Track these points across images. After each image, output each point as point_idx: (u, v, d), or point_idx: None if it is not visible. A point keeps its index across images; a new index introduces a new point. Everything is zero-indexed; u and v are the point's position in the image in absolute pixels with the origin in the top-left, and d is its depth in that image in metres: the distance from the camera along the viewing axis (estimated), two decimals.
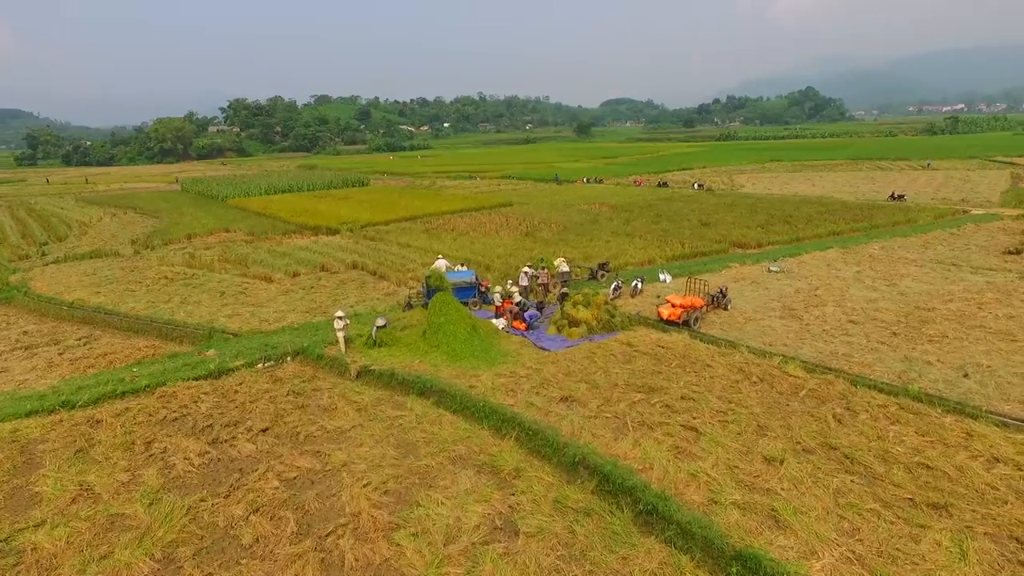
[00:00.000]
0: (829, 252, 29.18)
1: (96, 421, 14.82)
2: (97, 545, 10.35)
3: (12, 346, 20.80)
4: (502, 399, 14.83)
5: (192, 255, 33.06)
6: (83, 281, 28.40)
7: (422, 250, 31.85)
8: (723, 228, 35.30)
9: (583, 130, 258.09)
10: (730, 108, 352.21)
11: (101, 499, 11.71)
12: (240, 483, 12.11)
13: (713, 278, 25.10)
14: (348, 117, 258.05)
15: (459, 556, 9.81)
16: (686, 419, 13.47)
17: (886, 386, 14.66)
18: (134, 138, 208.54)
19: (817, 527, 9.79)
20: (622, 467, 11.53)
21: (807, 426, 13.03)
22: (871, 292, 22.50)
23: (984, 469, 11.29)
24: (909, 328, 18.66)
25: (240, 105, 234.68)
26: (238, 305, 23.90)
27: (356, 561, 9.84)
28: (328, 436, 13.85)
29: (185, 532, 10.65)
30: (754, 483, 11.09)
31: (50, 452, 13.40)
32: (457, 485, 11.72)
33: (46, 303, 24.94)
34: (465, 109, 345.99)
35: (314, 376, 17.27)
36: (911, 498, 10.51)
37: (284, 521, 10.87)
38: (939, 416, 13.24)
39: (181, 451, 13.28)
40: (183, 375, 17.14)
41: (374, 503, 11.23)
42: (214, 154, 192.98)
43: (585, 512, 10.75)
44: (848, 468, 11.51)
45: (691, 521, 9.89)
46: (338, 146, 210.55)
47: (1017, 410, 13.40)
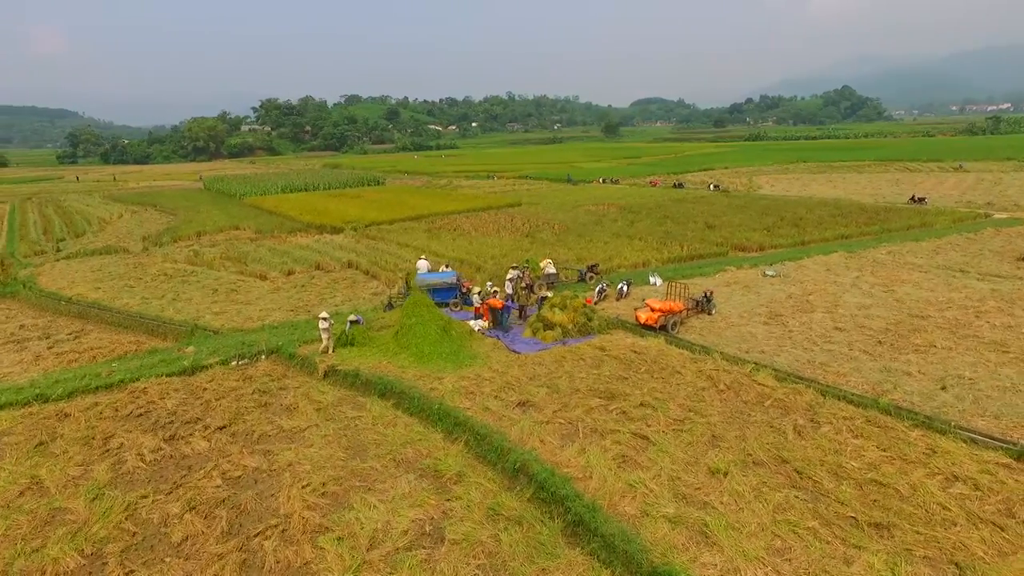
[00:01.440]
0: (832, 256, 28.29)
1: (65, 415, 15.12)
2: (32, 539, 10.51)
3: (6, 339, 21.42)
4: (459, 402, 14.68)
5: (196, 252, 33.69)
6: (87, 277, 29.16)
7: (420, 250, 31.81)
8: (728, 230, 34.54)
9: (611, 130, 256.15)
10: (763, 108, 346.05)
11: (48, 493, 11.91)
12: (184, 480, 12.20)
13: (706, 282, 24.58)
14: (377, 117, 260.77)
15: (379, 562, 9.70)
16: (640, 427, 13.14)
17: (856, 397, 14.09)
18: (169, 137, 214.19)
19: (747, 544, 9.41)
20: (559, 475, 11.28)
21: (763, 437, 12.59)
22: (866, 298, 21.71)
23: (940, 488, 10.74)
24: (896, 337, 17.94)
25: (271, 105, 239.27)
26: (227, 302, 24.24)
27: (277, 563, 9.80)
28: (282, 435, 13.88)
29: (119, 528, 10.75)
30: (693, 496, 10.73)
31: (12, 445, 13.71)
32: (396, 489, 11.62)
33: (47, 298, 25.67)
34: (493, 109, 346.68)
35: (284, 375, 17.36)
36: (854, 517, 10.04)
37: (216, 520, 10.89)
38: (905, 430, 12.66)
39: (136, 447, 13.44)
40: (158, 371, 17.40)
41: (308, 505, 11.18)
42: (245, 153, 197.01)
43: (517, 521, 10.53)
44: (795, 483, 11.07)
45: (615, 534, 9.62)
46: (365, 145, 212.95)
47: (990, 426, 12.74)
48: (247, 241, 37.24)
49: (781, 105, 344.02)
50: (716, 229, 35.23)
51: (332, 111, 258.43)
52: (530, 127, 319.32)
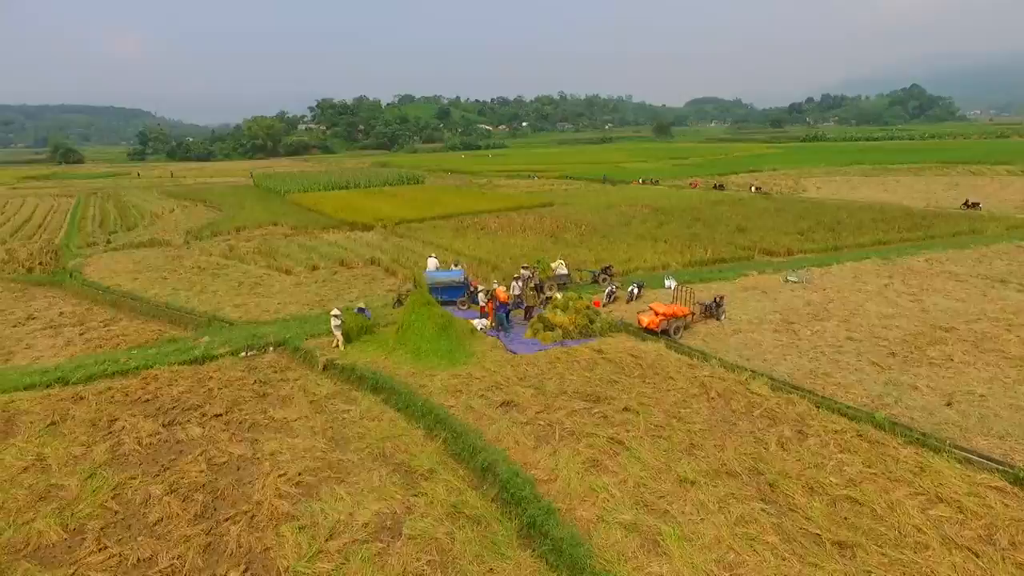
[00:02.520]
0: (864, 263, 27.10)
1: (80, 398, 16.00)
2: (25, 512, 11.19)
3: (45, 325, 22.82)
4: (445, 400, 14.83)
5: (231, 247, 35.06)
6: (127, 268, 30.76)
7: (443, 248, 32.21)
8: (758, 234, 33.55)
9: (662, 130, 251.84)
10: (824, 107, 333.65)
11: (49, 469, 12.64)
12: (172, 464, 12.74)
13: (724, 286, 23.95)
14: (428, 116, 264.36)
15: (334, 552, 9.91)
16: (618, 432, 12.96)
17: (851, 410, 13.51)
18: (231, 135, 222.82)
19: (697, 556, 9.19)
20: (523, 476, 11.27)
21: (742, 448, 12.23)
22: (889, 308, 20.73)
23: (920, 509, 10.20)
24: (912, 348, 17.07)
25: (327, 104, 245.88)
26: (249, 295, 25.14)
27: (238, 548, 10.13)
28: (272, 426, 14.31)
29: (103, 507, 11.32)
30: (654, 504, 10.53)
31: (28, 423, 14.59)
32: (366, 482, 11.83)
33: (88, 287, 27.20)
34: (544, 108, 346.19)
35: (287, 367, 17.88)
36: (818, 534, 9.65)
37: (193, 504, 11.34)
38: (897, 447, 12.07)
39: (136, 431, 14.10)
40: (170, 359, 18.21)
41: (280, 493, 11.52)
42: (300, 151, 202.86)
43: (476, 520, 10.58)
44: (765, 496, 10.72)
45: (565, 538, 9.55)
46: (415, 144, 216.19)
47: (992, 446, 12.01)
48: (281, 237, 38.49)
49: (844, 104, 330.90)
50: (747, 232, 34.28)
51: (385, 110, 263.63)
52: (580, 127, 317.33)
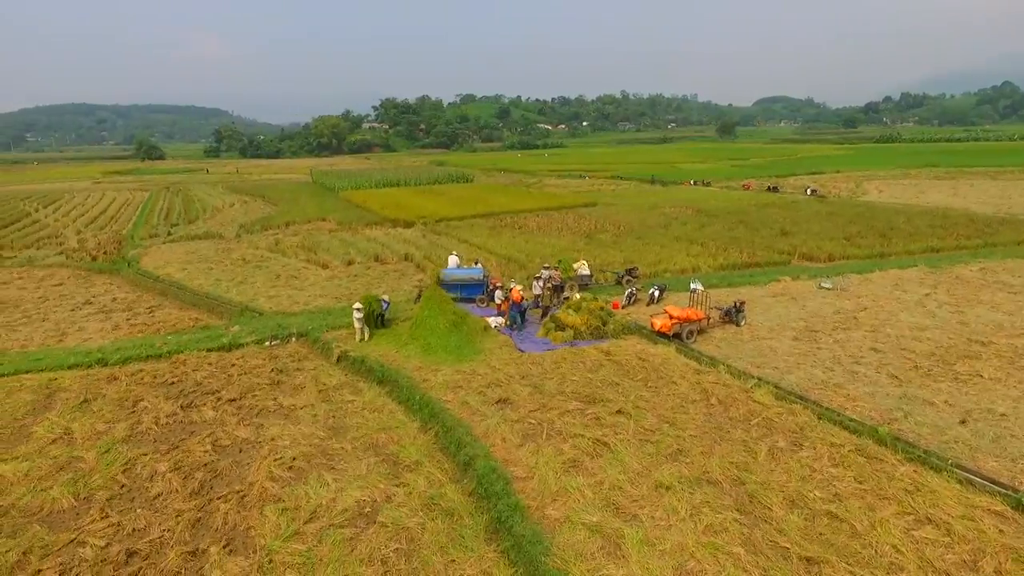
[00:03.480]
0: (909, 271, 25.71)
1: (114, 378, 17.20)
2: (45, 480, 12.17)
3: (98, 310, 24.54)
4: (443, 395, 15.14)
5: (278, 240, 36.60)
6: (180, 258, 32.63)
7: (476, 246, 32.63)
8: (802, 238, 32.33)
9: (726, 130, 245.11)
10: (903, 107, 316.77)
11: (74, 443, 13.67)
12: (181, 443, 13.53)
13: (754, 291, 23.33)
14: (488, 116, 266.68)
15: (310, 534, 10.34)
16: (606, 434, 12.90)
17: (854, 424, 12.96)
18: (299, 134, 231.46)
19: (656, 562, 9.10)
20: (499, 473, 11.41)
21: (730, 456, 11.95)
22: (925, 319, 19.65)
23: (904, 529, 9.73)
24: (938, 362, 16.16)
25: (390, 104, 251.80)
26: (284, 287, 26.23)
27: (224, 525, 10.72)
28: (279, 412, 14.97)
29: (113, 479, 12.17)
30: (625, 507, 10.47)
31: (64, 400, 15.80)
32: (354, 470, 12.25)
33: (141, 275, 29.04)
34: (605, 108, 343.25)
35: (305, 357, 18.63)
36: (788, 548, 9.37)
37: (192, 481, 12.04)
38: (896, 464, 11.51)
39: (156, 411, 15.04)
40: (200, 346, 19.28)
41: (273, 476, 12.08)
42: (363, 149, 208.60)
43: (449, 512, 10.80)
44: (742, 506, 10.46)
45: (527, 536, 9.64)
46: (474, 143, 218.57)
47: (1002, 468, 11.28)
48: (326, 232, 39.85)
49: (925, 104, 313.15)
50: (790, 236, 33.09)
51: (446, 110, 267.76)
52: (642, 126, 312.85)
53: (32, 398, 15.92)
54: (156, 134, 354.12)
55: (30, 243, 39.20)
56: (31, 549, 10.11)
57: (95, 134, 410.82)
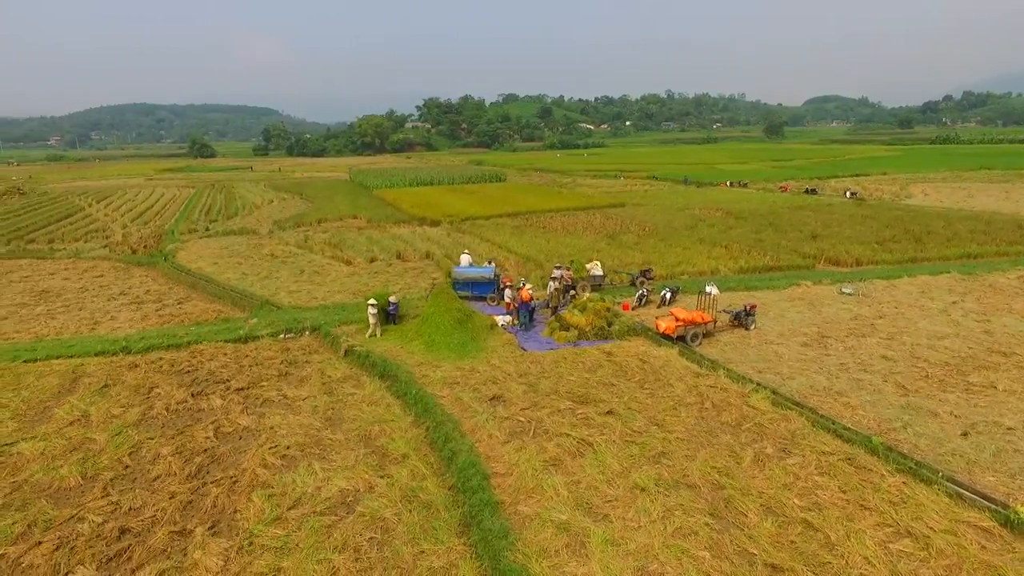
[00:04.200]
0: (940, 277, 24.74)
1: (135, 365, 18.07)
2: (58, 458, 12.93)
3: (131, 300, 25.75)
4: (438, 391, 15.39)
5: (307, 237, 37.60)
6: (212, 253, 33.89)
7: (498, 245, 32.86)
8: (831, 242, 31.40)
9: (773, 130, 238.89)
10: (964, 106, 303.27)
11: (90, 425, 14.46)
12: (187, 429, 14.15)
13: (769, 295, 22.87)
14: (530, 115, 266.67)
15: (291, 520, 10.72)
16: (592, 434, 12.93)
17: (848, 432, 12.64)
18: (343, 133, 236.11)
19: (617, 562, 9.12)
20: (478, 469, 11.58)
21: (713, 460, 11.82)
22: (946, 327, 18.92)
23: (880, 541, 9.49)
24: (951, 372, 15.58)
25: (433, 104, 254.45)
26: (306, 282, 26.97)
27: (213, 507, 11.21)
28: (282, 403, 15.47)
29: (119, 461, 12.84)
30: (597, 507, 10.50)
31: (86, 385, 16.70)
32: (343, 460, 12.62)
33: (175, 269, 30.29)
34: (649, 107, 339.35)
35: (315, 350, 19.17)
36: (755, 554, 9.26)
37: (191, 465, 12.60)
38: (885, 475, 11.20)
39: (168, 397, 15.76)
40: (218, 337, 20.05)
41: (266, 464, 12.54)
42: (405, 148, 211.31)
43: (426, 505, 11.04)
44: (716, 511, 10.36)
45: (494, 530, 9.79)
46: (515, 143, 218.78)
47: (997, 483, 10.85)
48: (355, 229, 40.72)
49: (989, 103, 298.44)
50: (820, 240, 32.20)
51: (488, 109, 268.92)
52: (687, 126, 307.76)
53: (58, 382, 16.87)
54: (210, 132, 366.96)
55: (79, 236, 41.30)
56: (35, 522, 10.79)
57: (154, 133, 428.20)
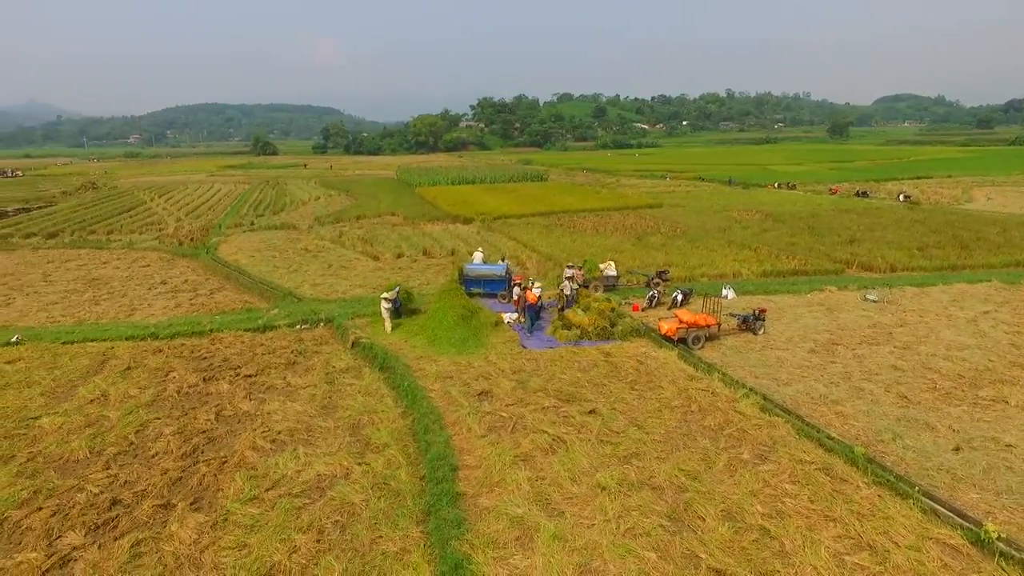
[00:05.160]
0: (979, 286, 23.44)
1: (158, 350, 19.20)
2: (73, 433, 13.91)
3: (168, 289, 27.25)
4: (430, 384, 15.76)
5: (342, 233, 38.77)
6: (252, 246, 35.41)
7: (523, 244, 33.07)
8: (868, 246, 30.16)
9: (837, 130, 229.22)
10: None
11: (108, 404, 15.48)
12: (191, 411, 14.99)
13: (788, 300, 22.27)
14: (583, 114, 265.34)
15: (267, 500, 11.26)
16: (569, 432, 13.01)
17: (832, 442, 12.26)
18: (399, 132, 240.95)
19: (561, 558, 9.22)
20: (448, 461, 11.85)
21: (685, 463, 11.72)
22: (970, 337, 17.98)
23: (836, 553, 9.24)
24: (964, 385, 14.84)
25: (487, 103, 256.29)
26: (331, 276, 27.89)
27: (199, 485, 11.88)
28: (285, 390, 16.15)
29: (124, 438, 13.70)
30: (556, 503, 10.61)
31: (111, 367, 17.87)
32: (327, 446, 13.13)
33: (213, 261, 31.84)
34: (708, 107, 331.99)
35: (326, 341, 19.86)
36: (701, 557, 9.18)
37: (188, 445, 13.36)
38: (861, 487, 10.85)
39: (181, 381, 16.70)
40: (239, 326, 21.04)
41: (255, 447, 13.17)
42: (458, 147, 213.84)
43: (395, 493, 11.38)
44: (675, 513, 10.29)
45: (449, 520, 10.04)
46: (567, 142, 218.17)
47: (979, 501, 10.35)
48: (390, 226, 41.70)
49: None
50: (857, 244, 31.00)
51: (542, 109, 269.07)
52: (746, 126, 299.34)
53: (88, 363, 18.11)
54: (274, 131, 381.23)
55: (136, 228, 43.87)
56: (40, 490, 11.71)
57: (223, 131, 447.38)
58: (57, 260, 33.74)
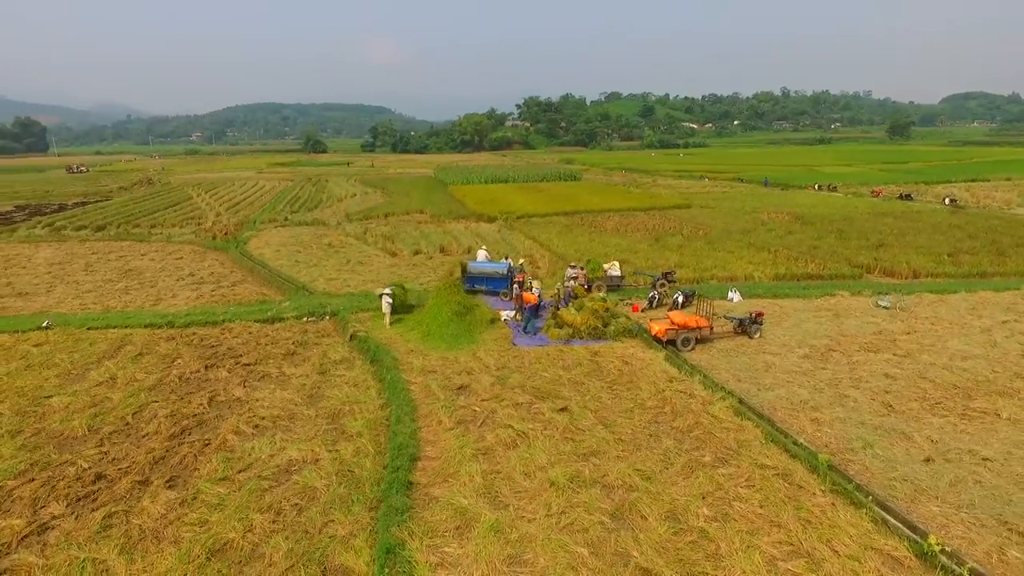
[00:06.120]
0: (1004, 294, 22.31)
1: (171, 338, 20.24)
2: (77, 412, 14.83)
3: (194, 281, 28.55)
4: (413, 377, 16.15)
5: (367, 230, 39.70)
6: (279, 241, 36.68)
7: (539, 243, 33.20)
8: (895, 251, 29.05)
9: (898, 131, 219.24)
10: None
11: (115, 386, 16.46)
12: (187, 396, 15.79)
13: (795, 304, 21.76)
14: (631, 114, 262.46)
15: (237, 481, 11.83)
16: (535, 428, 13.15)
17: (798, 448, 12.03)
18: (445, 131, 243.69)
19: (493, 548, 9.40)
20: (409, 452, 12.18)
21: (642, 464, 11.71)
22: (977, 348, 17.20)
23: (771, 559, 9.13)
24: (956, 395, 14.26)
25: (533, 102, 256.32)
26: (347, 271, 28.68)
27: (178, 464, 12.56)
28: (279, 379, 16.80)
29: (122, 419, 14.55)
30: (503, 497, 10.79)
31: (125, 352, 18.94)
32: (304, 433, 13.65)
33: (241, 255, 33.14)
34: (761, 106, 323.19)
35: (328, 333, 20.51)
36: (633, 556, 9.21)
37: (178, 427, 14.12)
38: (817, 494, 10.64)
39: (185, 367, 17.58)
40: (250, 317, 21.94)
41: (238, 431, 13.81)
42: (503, 146, 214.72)
43: (357, 480, 11.78)
44: (619, 513, 10.32)
45: (395, 507, 10.37)
46: (612, 142, 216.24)
47: (937, 513, 10.01)
48: (415, 224, 42.45)
49: None
50: (884, 248, 29.89)
51: (589, 108, 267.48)
52: (801, 126, 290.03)
53: (105, 348, 19.25)
54: (327, 130, 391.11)
55: (177, 222, 45.98)
56: (37, 463, 12.61)
57: (279, 130, 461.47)
58: (101, 252, 35.73)
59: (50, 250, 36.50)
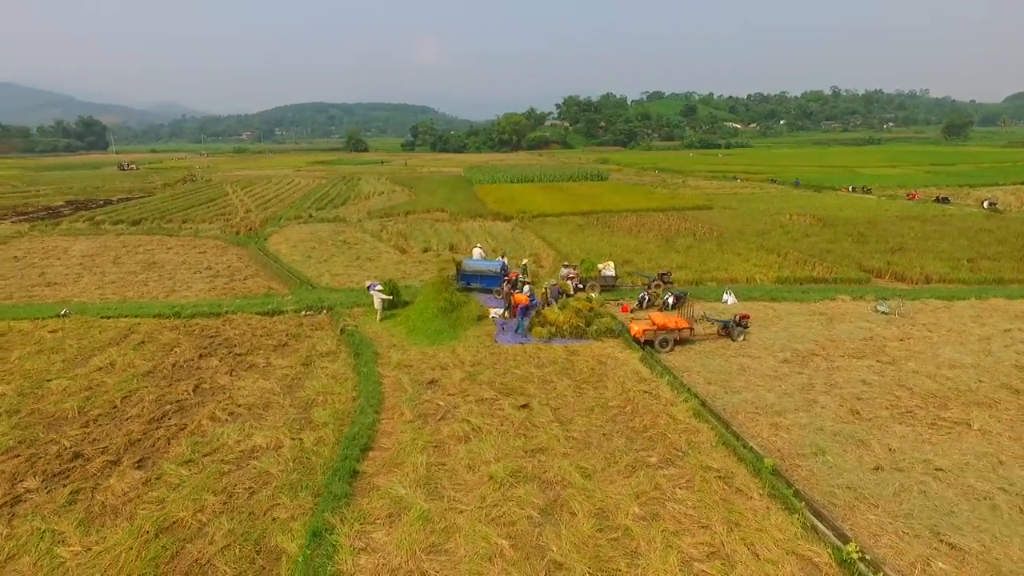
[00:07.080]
0: (1016, 302, 21.35)
1: (175, 327, 21.19)
2: (72, 395, 15.73)
3: (210, 274, 29.66)
4: (388, 371, 16.54)
5: (384, 227, 40.46)
6: (297, 237, 37.74)
7: (547, 242, 33.27)
8: (912, 256, 28.06)
9: (954, 131, 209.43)
10: None
11: (112, 372, 17.37)
12: (175, 382, 16.56)
13: (791, 307, 21.34)
14: (672, 113, 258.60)
15: (201, 464, 12.42)
16: (492, 423, 13.39)
17: (747, 452, 11.91)
18: (483, 130, 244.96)
19: (418, 536, 9.71)
20: (361, 441, 12.58)
21: (587, 462, 11.81)
22: (969, 356, 16.58)
23: (687, 559, 9.15)
24: (930, 404, 13.84)
25: (572, 101, 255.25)
26: (354, 267, 29.36)
27: (151, 447, 13.24)
28: (265, 369, 17.45)
29: (110, 402, 15.40)
30: (442, 487, 11.07)
31: (129, 340, 19.92)
32: (273, 420, 14.20)
33: (259, 250, 34.27)
34: (809, 105, 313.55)
35: (322, 327, 21.10)
36: (550, 550, 9.35)
37: (160, 411, 14.85)
38: (755, 498, 10.56)
39: (180, 355, 18.41)
40: (252, 309, 22.76)
41: (214, 416, 14.45)
42: (541, 145, 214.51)
43: (311, 467, 12.23)
44: (549, 508, 10.47)
45: (335, 494, 10.76)
46: (652, 142, 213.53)
47: (875, 522, 9.84)
48: (432, 222, 43.02)
49: None
50: (902, 253, 28.89)
51: (629, 107, 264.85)
52: (851, 126, 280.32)
53: (113, 335, 20.28)
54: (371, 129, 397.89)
55: (207, 218, 47.71)
56: (25, 440, 13.48)
57: (325, 129, 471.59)
58: (131, 245, 37.44)
59: (86, 243, 38.42)
